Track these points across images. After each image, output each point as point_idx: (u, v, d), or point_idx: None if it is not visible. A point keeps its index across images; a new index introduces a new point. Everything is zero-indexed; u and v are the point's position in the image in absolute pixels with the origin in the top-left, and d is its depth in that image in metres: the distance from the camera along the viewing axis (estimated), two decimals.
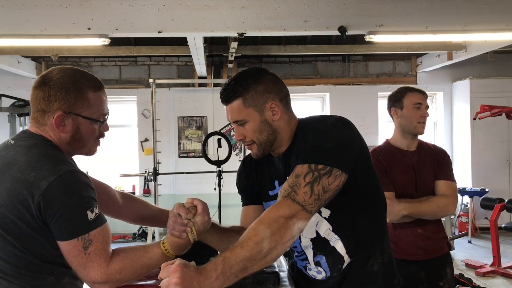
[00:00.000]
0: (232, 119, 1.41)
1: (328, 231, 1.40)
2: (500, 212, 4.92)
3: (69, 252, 1.20)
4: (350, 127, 1.37)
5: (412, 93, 2.24)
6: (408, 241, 2.18)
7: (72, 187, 1.20)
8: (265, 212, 1.21)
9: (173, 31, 3.99)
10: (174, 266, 1.05)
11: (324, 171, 1.23)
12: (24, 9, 3.81)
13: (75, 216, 1.19)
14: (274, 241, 1.14)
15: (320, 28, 4.03)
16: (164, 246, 1.30)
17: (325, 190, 1.23)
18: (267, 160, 1.50)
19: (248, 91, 1.37)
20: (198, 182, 6.32)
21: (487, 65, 6.65)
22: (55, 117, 1.26)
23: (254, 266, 1.12)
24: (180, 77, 6.90)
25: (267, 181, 1.50)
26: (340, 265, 1.42)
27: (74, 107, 1.28)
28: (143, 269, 1.28)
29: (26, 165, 1.20)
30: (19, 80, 6.56)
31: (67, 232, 1.19)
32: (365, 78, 7.10)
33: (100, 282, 1.22)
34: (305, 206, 1.20)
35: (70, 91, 1.27)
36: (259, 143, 1.41)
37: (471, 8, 4.02)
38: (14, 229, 1.18)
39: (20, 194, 1.17)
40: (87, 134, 1.32)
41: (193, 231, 1.32)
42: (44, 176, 1.17)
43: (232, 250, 1.12)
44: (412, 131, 2.24)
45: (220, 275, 1.08)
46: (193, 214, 1.33)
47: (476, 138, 6.54)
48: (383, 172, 2.20)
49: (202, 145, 5.02)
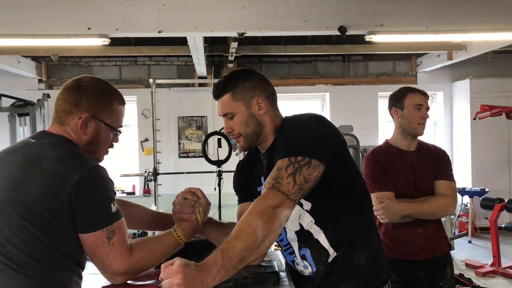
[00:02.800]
0: (221, 112, 1.52)
1: (310, 223, 1.46)
2: (500, 212, 4.92)
3: (93, 243, 1.25)
4: (323, 121, 1.44)
5: (413, 93, 2.24)
6: (408, 241, 2.18)
7: (100, 181, 1.28)
8: (253, 204, 1.27)
9: (173, 31, 3.99)
10: (175, 267, 1.05)
11: (304, 162, 1.31)
12: (24, 9, 3.81)
13: (101, 208, 1.26)
14: (267, 229, 1.20)
15: (320, 28, 4.03)
16: (177, 233, 1.41)
17: (306, 180, 1.31)
18: (256, 159, 1.60)
19: (237, 86, 1.48)
20: (198, 182, 6.31)
21: (487, 65, 6.65)
22: (82, 118, 1.36)
23: (251, 255, 1.17)
24: (180, 77, 6.90)
25: (255, 178, 1.59)
26: (325, 258, 1.45)
27: (100, 113, 1.39)
28: (159, 258, 1.35)
29: (55, 160, 1.26)
30: (19, 80, 6.56)
31: (93, 223, 1.25)
32: (365, 78, 7.10)
33: (121, 273, 1.27)
34: (289, 195, 1.28)
35: (100, 98, 1.39)
36: (246, 136, 1.50)
37: (471, 8, 4.02)
38: (41, 222, 1.22)
39: (51, 186, 1.22)
40: (103, 140, 1.43)
41: (200, 212, 1.47)
42: (75, 169, 1.24)
43: (228, 243, 1.15)
44: (411, 132, 2.24)
45: (220, 269, 1.10)
46: (197, 197, 1.49)
47: (476, 138, 6.54)
48: (383, 172, 2.21)
49: (202, 145, 5.01)
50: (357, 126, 6.41)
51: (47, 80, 6.77)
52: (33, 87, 6.66)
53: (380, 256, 1.51)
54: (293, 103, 7.20)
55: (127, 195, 6.64)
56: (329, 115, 6.93)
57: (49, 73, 6.79)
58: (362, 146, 6.17)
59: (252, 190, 1.59)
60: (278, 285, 1.49)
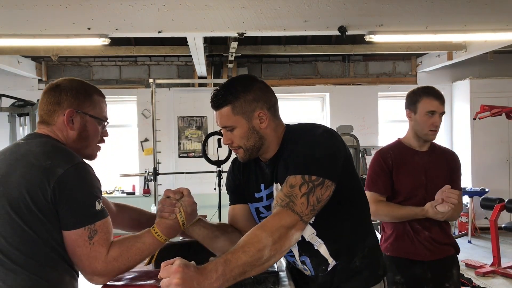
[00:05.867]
0: (221, 124, 1.47)
1: (312, 235, 1.47)
2: (500, 212, 4.91)
3: (74, 242, 1.24)
4: (336, 137, 1.42)
5: (427, 98, 2.19)
6: (415, 242, 2.18)
7: (85, 177, 1.28)
8: (267, 220, 1.25)
9: (173, 31, 3.99)
10: (175, 266, 1.05)
11: (317, 182, 1.29)
12: (24, 9, 3.80)
13: (85, 204, 1.25)
14: (275, 250, 1.20)
15: (320, 28, 4.03)
16: (154, 229, 1.39)
17: (319, 200, 1.30)
18: (254, 164, 1.56)
19: (238, 99, 1.41)
20: (198, 182, 6.31)
21: (487, 65, 6.65)
22: (66, 113, 1.37)
23: (252, 271, 1.17)
24: (180, 77, 6.90)
25: (253, 183, 1.56)
26: (324, 266, 1.48)
27: (82, 106, 1.40)
28: (137, 255, 1.32)
29: (41, 154, 1.28)
30: (19, 80, 6.56)
31: (75, 220, 1.24)
32: (365, 78, 7.10)
33: (100, 273, 1.26)
34: (302, 217, 1.26)
35: (79, 92, 1.41)
36: (246, 149, 1.46)
37: (471, 8, 4.02)
38: (26, 212, 1.22)
39: (36, 177, 1.23)
40: (92, 133, 1.43)
41: (181, 211, 1.43)
42: (60, 163, 1.25)
43: (234, 253, 1.14)
44: (423, 137, 2.23)
45: (220, 277, 1.10)
46: (180, 196, 1.45)
47: (476, 138, 6.54)
48: (382, 173, 2.21)
49: (202, 145, 5.01)
50: (357, 126, 6.40)
51: (47, 80, 6.76)
52: (33, 87, 6.66)
53: (376, 255, 1.55)
54: (293, 103, 7.20)
55: (127, 195, 6.64)
56: (329, 115, 6.94)
57: (49, 73, 6.78)
58: (362, 146, 6.16)
59: (248, 194, 1.57)
60: (278, 285, 1.50)
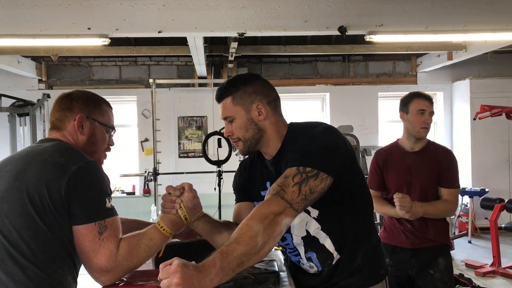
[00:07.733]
0: (222, 116, 1.54)
1: (317, 230, 1.50)
2: (500, 212, 4.92)
3: (84, 236, 1.27)
4: (336, 134, 1.45)
5: (418, 99, 2.40)
6: (400, 232, 2.41)
7: (97, 175, 1.34)
8: (255, 209, 1.27)
9: (173, 31, 3.99)
10: (174, 266, 1.05)
11: (312, 173, 1.31)
12: (24, 9, 3.81)
13: (96, 200, 1.30)
14: (267, 235, 1.20)
15: (320, 28, 4.03)
16: (160, 224, 1.42)
17: (312, 191, 1.31)
18: (260, 163, 1.62)
19: (238, 91, 1.50)
20: (198, 182, 6.30)
21: (487, 65, 6.65)
22: (77, 118, 1.45)
23: (249, 260, 1.18)
24: (180, 77, 6.90)
25: (259, 182, 1.60)
26: (330, 261, 1.51)
27: (92, 112, 1.49)
28: (145, 252, 1.35)
29: (55, 152, 1.35)
30: (19, 80, 6.56)
31: (86, 215, 1.28)
32: (365, 78, 7.10)
33: (107, 270, 1.28)
34: (292, 204, 1.28)
35: (90, 100, 1.51)
36: (245, 140, 1.52)
37: (471, 8, 4.02)
38: (41, 207, 1.26)
39: (52, 172, 1.29)
40: (100, 139, 1.51)
41: (182, 207, 1.46)
42: (73, 161, 1.32)
43: (228, 246, 1.15)
44: (415, 135, 2.41)
45: (219, 271, 1.10)
46: (181, 192, 1.49)
47: (476, 138, 6.54)
48: (374, 171, 2.48)
49: (202, 145, 5.01)
50: (357, 126, 6.40)
51: (47, 80, 6.77)
52: (33, 87, 6.66)
53: (378, 254, 1.58)
54: (293, 103, 7.20)
55: (127, 195, 6.64)
56: (329, 115, 6.94)
57: (49, 73, 6.79)
58: (362, 146, 6.16)
59: (254, 193, 1.62)
60: (278, 285, 1.50)
